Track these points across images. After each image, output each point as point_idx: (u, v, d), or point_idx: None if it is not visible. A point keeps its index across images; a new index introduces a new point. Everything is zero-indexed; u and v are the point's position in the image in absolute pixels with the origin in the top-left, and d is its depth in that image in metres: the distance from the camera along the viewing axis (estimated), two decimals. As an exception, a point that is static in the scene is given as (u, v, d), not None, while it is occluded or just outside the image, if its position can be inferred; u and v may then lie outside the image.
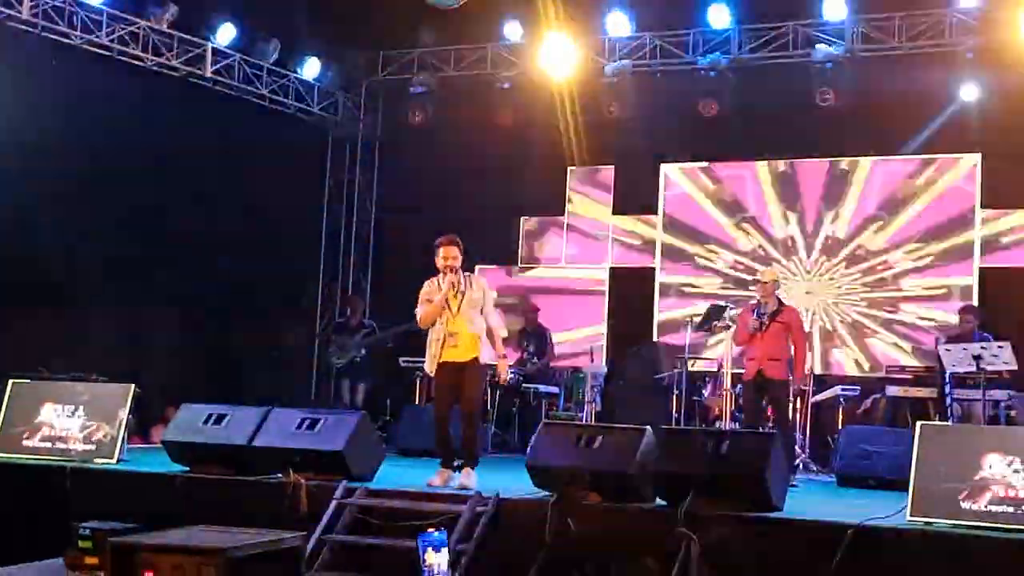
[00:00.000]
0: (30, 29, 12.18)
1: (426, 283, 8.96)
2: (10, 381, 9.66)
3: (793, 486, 9.09)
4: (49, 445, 9.37)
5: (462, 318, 8.77)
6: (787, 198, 14.38)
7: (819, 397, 12.45)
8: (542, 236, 15.54)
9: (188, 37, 13.60)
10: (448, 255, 8.79)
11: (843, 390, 12.53)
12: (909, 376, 12.39)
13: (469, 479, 8.61)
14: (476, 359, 8.81)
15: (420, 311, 8.94)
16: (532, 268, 15.47)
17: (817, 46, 13.42)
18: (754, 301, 10.67)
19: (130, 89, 12.82)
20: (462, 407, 8.83)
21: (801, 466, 11.30)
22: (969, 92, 13.10)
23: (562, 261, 15.40)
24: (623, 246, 15.16)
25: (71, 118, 11.94)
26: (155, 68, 13.35)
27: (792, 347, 10.46)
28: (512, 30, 14.67)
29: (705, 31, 13.99)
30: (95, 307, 12.41)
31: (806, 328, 12.00)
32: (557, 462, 7.93)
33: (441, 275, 8.86)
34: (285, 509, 7.96)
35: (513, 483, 8.33)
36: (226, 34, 13.92)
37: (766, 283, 10.62)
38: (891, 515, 7.14)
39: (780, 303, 10.62)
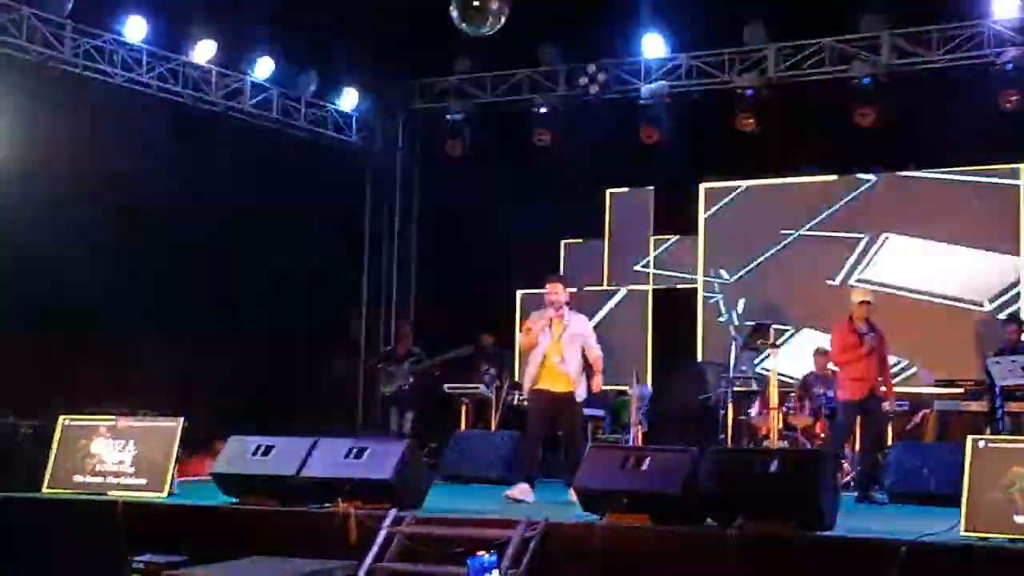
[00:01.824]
0: (71, 69, 12.36)
1: (534, 313, 10.09)
2: (61, 418, 9.73)
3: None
4: (100, 480, 9.41)
5: (561, 346, 9.74)
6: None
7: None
8: (583, 258, 15.55)
9: (226, 72, 13.75)
10: (552, 290, 9.89)
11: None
12: (959, 390, 12.28)
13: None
14: (572, 394, 9.76)
15: (521, 338, 10.04)
16: (574, 289, 15.45)
17: (854, 62, 13.35)
18: (846, 321, 10.55)
19: (168, 125, 12.97)
20: (567, 441, 9.84)
21: (852, 483, 11.21)
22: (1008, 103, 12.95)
23: (604, 282, 15.40)
24: (664, 266, 15.14)
25: (112, 156, 12.07)
26: (194, 103, 13.50)
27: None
28: (547, 55, 14.70)
29: (740, 50, 13.97)
30: (142, 342, 12.49)
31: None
32: (605, 485, 7.92)
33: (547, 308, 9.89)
34: (335, 539, 7.97)
35: (561, 507, 8.32)
36: (264, 68, 14.05)
37: (863, 303, 10.55)
38: (944, 531, 7.08)
39: (872, 323, 10.57)
